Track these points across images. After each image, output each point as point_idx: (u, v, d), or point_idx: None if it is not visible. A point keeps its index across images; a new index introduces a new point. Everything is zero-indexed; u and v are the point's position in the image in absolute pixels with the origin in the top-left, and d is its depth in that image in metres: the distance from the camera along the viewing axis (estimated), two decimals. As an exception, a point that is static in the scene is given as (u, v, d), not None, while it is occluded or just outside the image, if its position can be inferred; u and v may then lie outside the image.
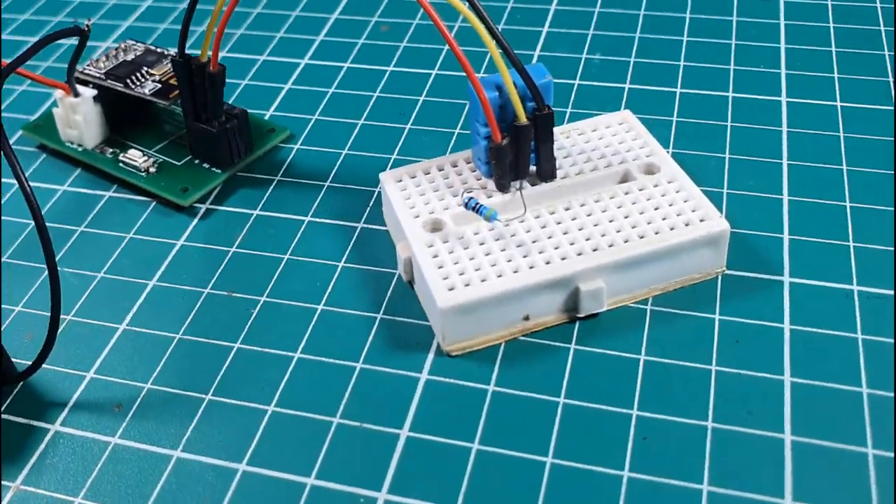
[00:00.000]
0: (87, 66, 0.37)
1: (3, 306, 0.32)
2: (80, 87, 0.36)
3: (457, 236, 0.30)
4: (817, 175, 0.34)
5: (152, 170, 0.36)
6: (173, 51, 0.38)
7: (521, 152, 0.31)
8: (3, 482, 0.27)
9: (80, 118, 0.36)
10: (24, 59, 0.31)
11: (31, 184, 0.37)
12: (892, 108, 0.37)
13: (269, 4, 0.48)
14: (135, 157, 0.36)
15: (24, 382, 0.29)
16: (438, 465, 0.26)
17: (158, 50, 0.38)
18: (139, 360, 0.30)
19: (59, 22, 0.48)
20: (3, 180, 0.37)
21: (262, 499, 0.26)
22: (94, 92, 0.36)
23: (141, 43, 0.39)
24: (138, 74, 0.36)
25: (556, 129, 0.34)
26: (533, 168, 0.31)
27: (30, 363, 0.28)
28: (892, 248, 0.31)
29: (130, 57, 0.38)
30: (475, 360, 0.29)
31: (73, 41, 0.39)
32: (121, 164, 0.36)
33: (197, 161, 0.36)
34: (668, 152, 0.33)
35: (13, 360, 0.29)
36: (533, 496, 0.25)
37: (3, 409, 0.29)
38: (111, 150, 0.37)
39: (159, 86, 0.36)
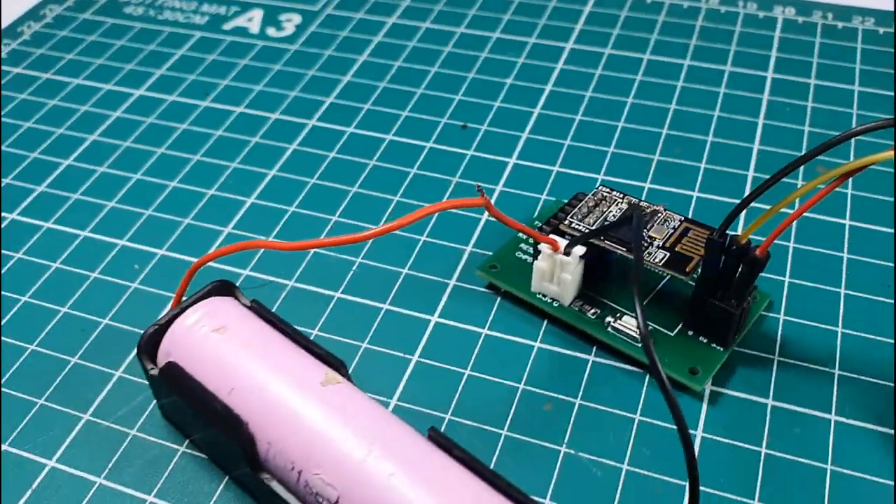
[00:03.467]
0: (569, 217, 0.35)
1: None
2: (566, 243, 0.34)
3: None
4: None
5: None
6: (660, 206, 0.35)
7: None
8: None
9: (568, 276, 0.34)
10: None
11: (491, 332, 0.36)
12: None
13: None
14: (630, 325, 0.34)
15: None
16: None
17: (643, 204, 0.36)
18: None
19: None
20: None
21: None
22: (584, 250, 0.34)
23: (617, 192, 0.36)
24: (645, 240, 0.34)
25: None
26: None
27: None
28: None
29: (614, 211, 0.35)
30: None
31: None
32: (610, 330, 0.34)
33: (690, 332, 0.34)
34: None
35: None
36: None
37: None
38: (592, 309, 0.35)
39: (668, 254, 0.34)
